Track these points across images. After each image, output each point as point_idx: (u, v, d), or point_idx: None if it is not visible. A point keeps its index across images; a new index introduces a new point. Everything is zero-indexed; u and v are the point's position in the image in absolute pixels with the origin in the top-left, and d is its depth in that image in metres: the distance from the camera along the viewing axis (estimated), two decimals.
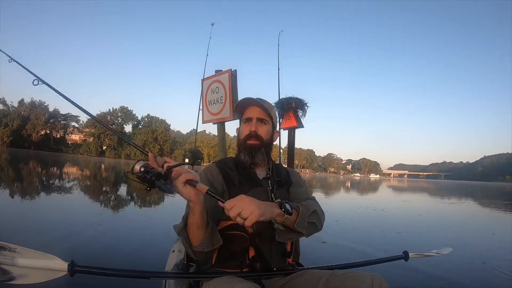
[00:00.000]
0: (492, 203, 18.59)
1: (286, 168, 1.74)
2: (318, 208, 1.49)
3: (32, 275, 1.21)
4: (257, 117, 1.56)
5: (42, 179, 13.86)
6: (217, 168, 1.56)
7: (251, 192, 1.46)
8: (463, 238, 6.73)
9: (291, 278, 1.43)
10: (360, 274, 1.24)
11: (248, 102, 1.59)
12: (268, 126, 1.60)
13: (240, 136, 1.61)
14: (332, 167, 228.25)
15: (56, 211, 6.54)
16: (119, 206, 8.29)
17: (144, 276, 1.33)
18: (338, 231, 6.24)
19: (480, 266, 4.41)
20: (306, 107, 4.19)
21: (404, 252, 1.83)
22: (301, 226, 1.30)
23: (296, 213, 1.30)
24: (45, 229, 4.77)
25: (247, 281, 1.25)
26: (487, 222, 10.49)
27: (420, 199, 19.16)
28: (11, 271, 1.16)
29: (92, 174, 21.28)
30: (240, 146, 1.60)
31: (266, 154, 1.60)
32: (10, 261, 1.16)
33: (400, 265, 2.67)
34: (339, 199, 15.86)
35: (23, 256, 1.20)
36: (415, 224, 8.57)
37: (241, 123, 1.63)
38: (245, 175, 1.55)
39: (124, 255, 3.92)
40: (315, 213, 1.41)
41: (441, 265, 4.18)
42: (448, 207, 14.60)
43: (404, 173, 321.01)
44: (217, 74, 3.73)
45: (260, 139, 1.56)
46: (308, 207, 1.38)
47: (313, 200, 1.57)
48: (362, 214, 9.76)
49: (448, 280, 3.80)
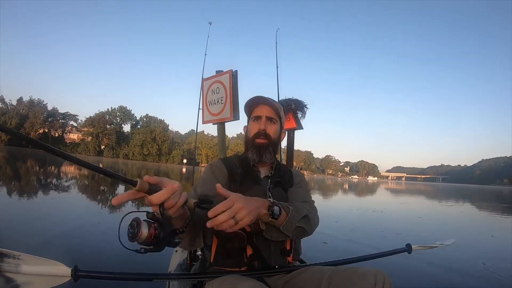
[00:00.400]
0: (489, 206, 18.70)
1: (290, 170, 1.73)
2: (312, 212, 1.47)
3: (36, 282, 1.19)
4: (266, 116, 1.56)
5: (40, 178, 13.86)
6: (223, 164, 1.57)
7: (249, 190, 1.45)
8: (462, 240, 6.74)
9: (293, 275, 1.41)
10: (363, 269, 1.22)
11: (258, 101, 1.59)
12: (277, 126, 1.60)
13: (248, 133, 1.61)
14: (330, 169, 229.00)
15: (55, 212, 6.51)
16: (119, 206, 8.20)
17: (147, 278, 1.32)
18: (339, 232, 6.32)
19: (480, 267, 4.45)
20: (305, 108, 4.17)
21: (407, 244, 1.84)
22: (287, 229, 1.29)
23: (285, 215, 1.28)
24: (44, 232, 4.74)
25: (250, 279, 1.25)
26: (486, 224, 10.55)
27: (418, 202, 19.30)
28: (16, 279, 1.15)
29: (91, 174, 21.24)
30: (248, 143, 1.60)
31: (273, 153, 1.60)
32: (14, 268, 1.15)
33: (404, 261, 2.68)
34: (338, 200, 15.91)
35: (26, 263, 1.18)
36: (414, 226, 8.62)
37: (249, 121, 1.63)
38: (247, 172, 1.55)
39: (126, 256, 3.88)
40: (305, 217, 1.38)
41: (442, 263, 4.27)
42: (447, 209, 14.70)
43: (402, 176, 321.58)
44: (218, 74, 3.72)
45: (268, 138, 1.55)
46: (300, 211, 1.36)
47: (311, 203, 1.56)
48: (361, 216, 9.79)
49: (449, 278, 3.87)
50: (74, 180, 14.40)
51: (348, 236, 6.08)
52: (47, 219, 5.72)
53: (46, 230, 4.89)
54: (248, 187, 1.48)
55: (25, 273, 1.17)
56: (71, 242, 4.39)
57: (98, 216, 6.40)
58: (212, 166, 1.56)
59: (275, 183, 1.57)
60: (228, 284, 1.22)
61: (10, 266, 1.15)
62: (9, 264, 1.15)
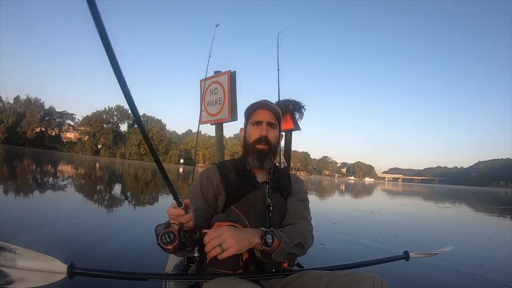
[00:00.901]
0: (486, 208, 18.75)
1: (289, 174, 1.72)
2: (307, 234, 1.47)
3: (32, 278, 1.19)
4: (267, 121, 1.55)
5: (37, 177, 13.76)
6: (217, 170, 1.56)
7: (248, 195, 1.48)
8: (459, 241, 6.77)
9: (291, 279, 1.41)
10: (361, 274, 1.23)
11: (259, 105, 1.58)
12: (277, 130, 1.60)
13: (248, 138, 1.59)
14: (327, 170, 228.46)
15: (52, 211, 6.44)
16: (116, 205, 8.25)
17: (143, 278, 1.32)
18: (337, 233, 6.35)
19: (478, 269, 4.46)
20: (303, 109, 4.19)
21: (405, 252, 1.81)
22: (278, 257, 1.32)
23: (278, 243, 1.30)
24: (40, 229, 4.72)
25: (247, 282, 1.25)
26: (483, 226, 10.57)
27: (415, 203, 19.32)
28: (11, 274, 1.15)
29: (88, 173, 21.18)
30: (248, 148, 1.57)
31: (273, 159, 1.59)
32: (10, 263, 1.15)
33: (401, 266, 2.68)
34: (335, 202, 15.94)
35: (23, 258, 1.18)
36: (411, 228, 8.67)
37: (248, 124, 1.61)
38: (244, 178, 1.54)
39: (123, 255, 3.89)
40: (299, 245, 1.40)
41: (440, 267, 4.26)
42: (444, 211, 14.70)
43: (398, 177, 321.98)
44: (216, 75, 3.73)
45: (269, 144, 1.55)
46: (293, 238, 1.37)
47: (308, 221, 1.56)
48: (359, 217, 9.82)
49: (447, 281, 3.87)
50: (74, 180, 14.32)
51: (345, 237, 6.08)
52: (46, 217, 5.69)
53: (44, 226, 4.89)
54: (246, 192, 1.49)
55: (21, 268, 1.17)
56: (69, 239, 4.36)
57: (97, 216, 6.36)
58: (203, 175, 1.56)
59: (274, 188, 1.57)
60: (225, 286, 1.23)
61: (6, 260, 1.15)
62: (5, 258, 1.15)
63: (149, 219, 6.35)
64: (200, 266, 1.48)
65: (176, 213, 1.10)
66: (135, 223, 5.96)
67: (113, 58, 0.66)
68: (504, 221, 12.31)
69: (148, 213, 7.64)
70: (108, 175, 20.59)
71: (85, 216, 6.04)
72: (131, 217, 6.78)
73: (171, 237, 1.09)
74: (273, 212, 1.49)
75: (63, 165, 26.58)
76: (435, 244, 6.01)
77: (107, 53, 0.65)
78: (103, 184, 14.02)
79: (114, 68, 0.67)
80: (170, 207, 1.12)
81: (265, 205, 1.48)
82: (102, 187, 12.57)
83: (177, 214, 1.10)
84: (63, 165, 26.58)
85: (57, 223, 5.15)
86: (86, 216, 6.05)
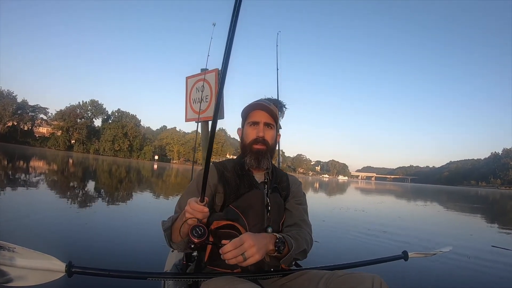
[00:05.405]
0: (462, 206, 19.61)
1: (287, 175, 1.74)
2: (309, 240, 1.53)
3: (30, 276, 1.19)
4: (264, 122, 1.57)
5: (43, 174, 13.38)
6: (215, 169, 1.56)
7: (247, 194, 1.49)
8: (445, 239, 7.05)
9: (290, 279, 1.43)
10: (360, 274, 1.24)
11: (256, 106, 1.59)
12: (274, 131, 1.61)
13: (245, 139, 1.60)
14: (301, 168, 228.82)
15: (53, 209, 6.29)
16: (115, 204, 8.21)
17: (141, 277, 1.31)
18: (328, 231, 6.63)
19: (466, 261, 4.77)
20: (284, 108, 4.22)
21: (404, 252, 1.83)
22: (286, 262, 1.38)
23: (287, 250, 1.35)
24: (39, 226, 4.72)
25: (246, 281, 1.26)
26: (463, 224, 11.19)
27: (394, 201, 20.22)
28: (9, 272, 1.14)
29: (85, 169, 20.72)
30: (245, 149, 1.59)
31: (270, 159, 1.61)
32: (8, 261, 1.14)
33: (400, 266, 2.75)
34: (319, 200, 16.12)
35: (21, 257, 1.18)
36: (397, 224, 8.97)
37: (245, 124, 1.62)
38: (243, 177, 1.55)
39: (122, 254, 3.86)
40: (303, 251, 1.45)
41: (439, 267, 4.40)
42: (423, 209, 15.57)
43: (371, 176, 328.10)
44: (203, 72, 3.70)
45: (266, 144, 1.56)
46: (300, 245, 1.42)
47: (308, 224, 1.61)
48: (345, 215, 10.21)
49: (446, 281, 3.99)
50: (77, 180, 13.97)
51: (338, 234, 6.38)
52: (45, 214, 5.63)
53: (42, 224, 4.87)
54: (245, 191, 1.50)
55: (20, 266, 1.16)
56: (67, 238, 4.33)
57: (96, 215, 6.29)
58: (199, 175, 1.54)
59: (273, 189, 1.58)
60: (223, 285, 1.23)
61: (5, 259, 1.14)
62: (3, 257, 1.14)
63: (149, 218, 6.32)
64: (199, 265, 1.48)
65: (201, 209, 1.17)
66: (135, 223, 5.91)
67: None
68: (482, 220, 12.89)
69: (147, 212, 7.57)
70: (114, 174, 20.17)
71: (87, 217, 5.98)
72: (130, 217, 6.68)
73: (202, 230, 1.16)
74: (272, 211, 1.50)
75: (35, 161, 25.80)
76: (425, 240, 6.49)
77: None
78: (104, 182, 13.73)
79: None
80: (193, 202, 1.18)
81: (263, 204, 1.49)
82: (102, 187, 12.29)
83: (202, 210, 1.17)
84: (35, 161, 25.80)
85: (57, 222, 5.18)
86: (88, 216, 5.99)
